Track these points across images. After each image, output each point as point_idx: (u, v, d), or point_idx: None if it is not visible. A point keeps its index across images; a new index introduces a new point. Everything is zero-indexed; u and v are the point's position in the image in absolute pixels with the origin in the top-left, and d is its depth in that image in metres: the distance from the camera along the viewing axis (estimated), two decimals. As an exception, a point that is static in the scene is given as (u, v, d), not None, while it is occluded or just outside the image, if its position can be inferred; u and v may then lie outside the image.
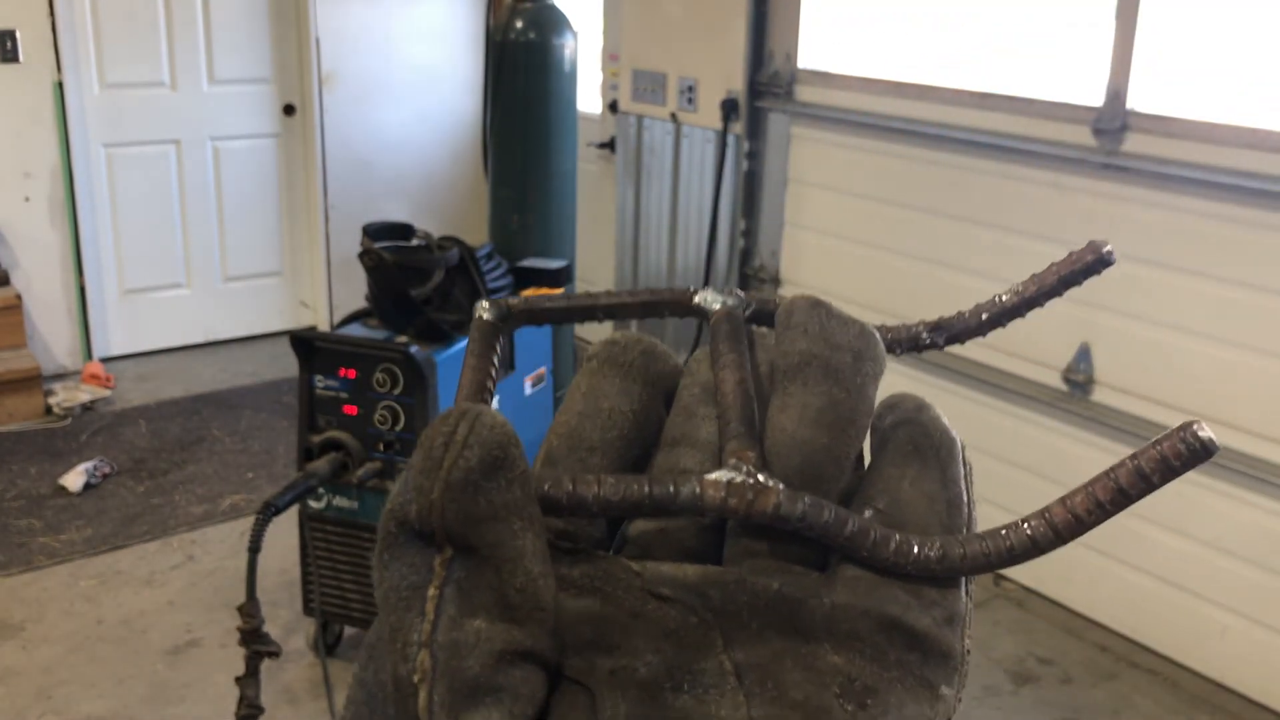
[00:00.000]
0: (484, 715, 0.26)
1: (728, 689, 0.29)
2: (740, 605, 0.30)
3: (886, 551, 0.30)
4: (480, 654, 0.27)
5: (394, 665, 0.27)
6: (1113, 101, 3.31)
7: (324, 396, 2.96)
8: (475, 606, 0.27)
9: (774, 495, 0.30)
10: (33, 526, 3.92)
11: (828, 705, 0.29)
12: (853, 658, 0.30)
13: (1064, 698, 3.21)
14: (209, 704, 3.07)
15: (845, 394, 0.32)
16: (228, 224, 5.64)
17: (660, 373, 0.35)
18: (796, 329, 0.33)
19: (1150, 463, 0.29)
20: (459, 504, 0.27)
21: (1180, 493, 3.26)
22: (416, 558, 0.27)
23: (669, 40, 4.66)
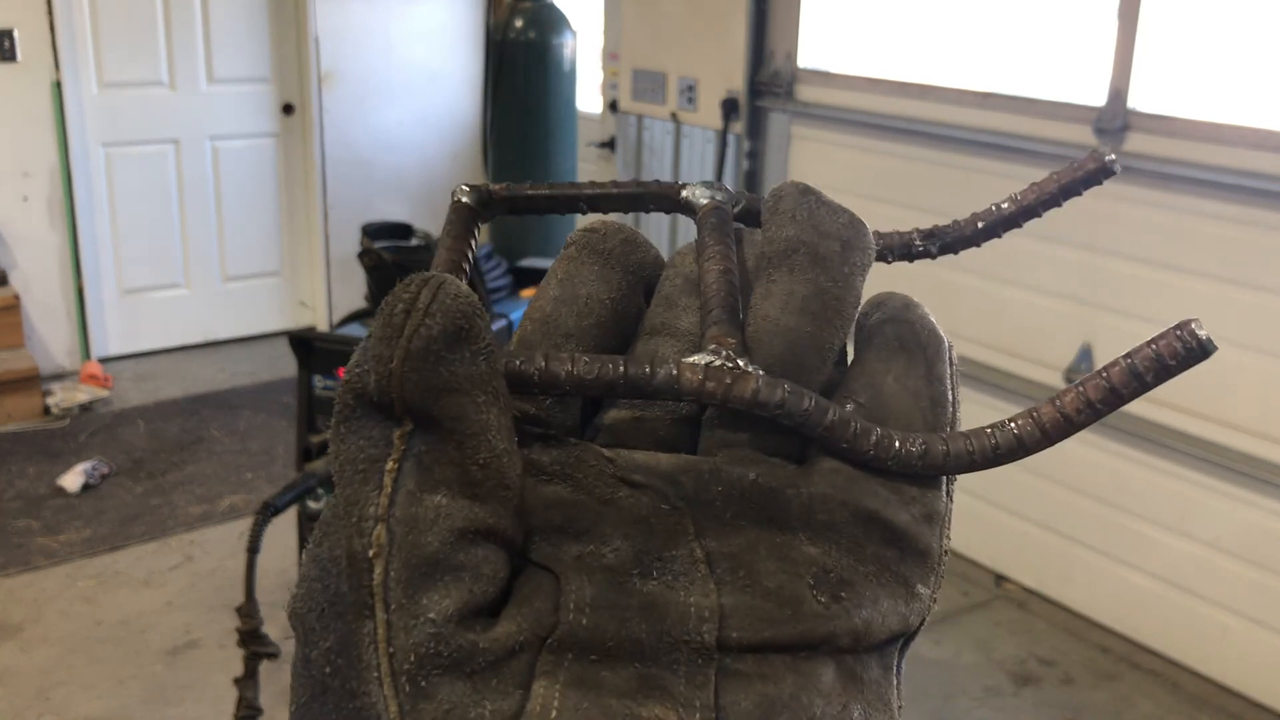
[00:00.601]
0: (442, 593, 0.25)
1: (697, 576, 0.28)
2: (714, 494, 0.29)
3: (867, 444, 0.29)
4: (440, 530, 0.26)
5: (348, 540, 0.25)
6: (1114, 101, 3.30)
7: (323, 397, 2.95)
8: (436, 481, 0.26)
9: (752, 380, 0.29)
10: (31, 527, 3.91)
11: (801, 595, 0.28)
12: (828, 549, 0.29)
13: (1065, 698, 3.20)
14: (207, 705, 3.06)
15: (832, 282, 0.31)
16: (226, 224, 5.64)
17: (641, 261, 0.33)
18: (784, 215, 0.32)
19: (1145, 361, 0.28)
20: (420, 374, 0.26)
21: (1181, 493, 3.26)
22: (374, 430, 0.26)
23: (669, 40, 4.66)
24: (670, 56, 4.66)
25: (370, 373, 0.26)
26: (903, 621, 0.30)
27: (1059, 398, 0.29)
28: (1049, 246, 3.49)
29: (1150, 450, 3.31)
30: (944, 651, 3.35)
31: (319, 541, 0.27)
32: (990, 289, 3.68)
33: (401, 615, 0.25)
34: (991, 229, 0.36)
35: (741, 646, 0.27)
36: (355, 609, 0.25)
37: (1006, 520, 3.70)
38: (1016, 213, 0.36)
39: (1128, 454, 3.36)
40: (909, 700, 0.54)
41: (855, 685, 0.29)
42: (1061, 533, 3.57)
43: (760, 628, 0.28)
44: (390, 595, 0.25)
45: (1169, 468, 3.27)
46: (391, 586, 0.25)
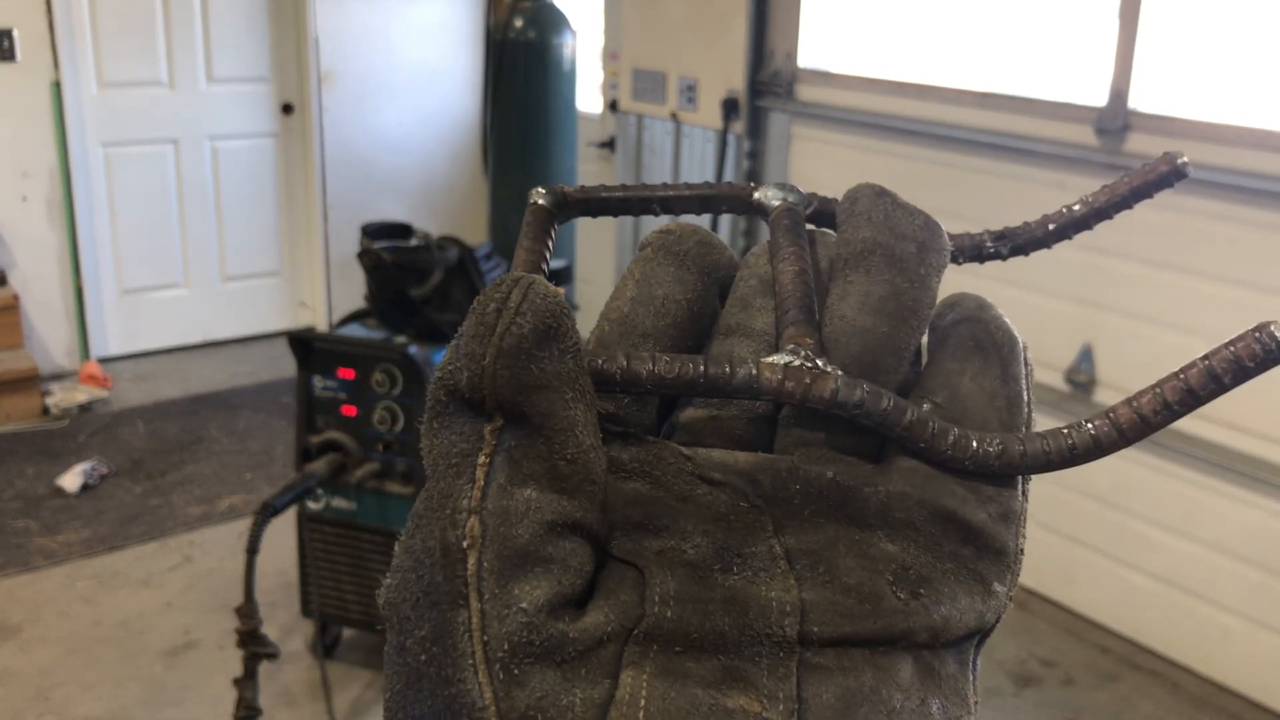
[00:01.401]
0: (533, 584, 0.26)
1: (778, 572, 0.28)
2: (792, 492, 0.30)
3: (944, 444, 0.30)
4: (530, 523, 0.26)
5: (442, 531, 0.26)
6: (1115, 101, 3.30)
7: (322, 397, 2.94)
8: (525, 475, 0.27)
9: (831, 380, 0.29)
10: (30, 527, 3.91)
11: (880, 591, 0.29)
12: (907, 546, 0.29)
13: (1065, 699, 3.20)
14: (207, 706, 3.05)
15: (909, 283, 0.32)
16: (226, 224, 5.63)
17: (716, 263, 0.34)
18: (860, 216, 0.33)
19: (1223, 363, 0.28)
20: (512, 370, 0.27)
21: (1182, 494, 3.25)
22: (466, 426, 0.27)
23: (669, 39, 4.65)
24: (670, 56, 4.66)
25: (463, 370, 0.27)
26: (979, 619, 0.30)
27: (1136, 399, 0.29)
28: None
29: (1151, 451, 3.30)
30: (944, 652, 3.35)
31: (411, 533, 0.27)
32: (990, 289, 3.67)
33: (495, 604, 0.26)
34: (1062, 230, 0.36)
35: (822, 641, 0.28)
36: (450, 598, 0.26)
37: (1007, 521, 3.70)
38: (1088, 215, 0.36)
39: (1129, 454, 3.36)
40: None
41: (933, 680, 0.29)
42: (1062, 533, 3.57)
43: (840, 622, 0.28)
44: (484, 585, 0.26)
45: (1170, 468, 3.27)
46: (485, 577, 0.26)
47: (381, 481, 2.96)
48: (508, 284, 0.27)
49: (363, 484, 2.93)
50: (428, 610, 0.26)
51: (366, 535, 3.01)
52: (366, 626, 3.13)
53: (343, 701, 3.07)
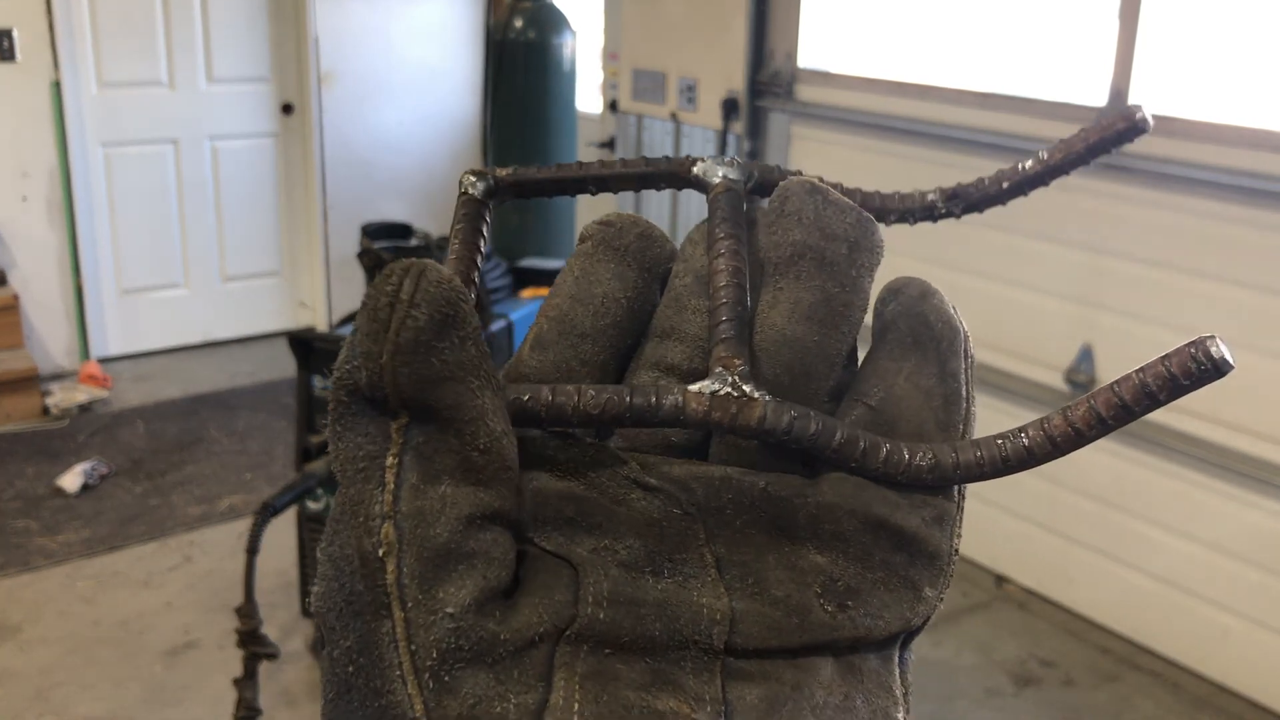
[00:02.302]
0: (457, 584, 0.25)
1: (708, 579, 0.28)
2: (725, 501, 0.29)
3: (876, 461, 0.30)
4: (448, 520, 0.26)
5: (358, 540, 0.25)
6: (1115, 101, 3.29)
7: (322, 397, 2.94)
8: (438, 471, 0.26)
9: (758, 408, 0.29)
10: (30, 528, 3.90)
11: (808, 604, 0.29)
12: (836, 558, 0.29)
13: (1065, 700, 3.19)
14: (207, 706, 3.05)
15: (839, 287, 0.31)
16: (226, 224, 5.63)
17: (657, 257, 0.33)
18: (790, 217, 0.32)
19: (1157, 379, 0.27)
20: (411, 366, 0.26)
21: (1182, 494, 3.25)
22: (370, 426, 0.26)
23: (669, 39, 4.65)
24: (670, 56, 4.66)
25: (360, 369, 0.26)
26: (905, 623, 0.30)
27: (1070, 409, 0.29)
28: (1049, 246, 3.49)
29: (1151, 451, 3.30)
30: (944, 652, 3.35)
31: (330, 540, 0.27)
32: (990, 289, 3.67)
33: (419, 612, 0.25)
34: (1017, 187, 0.35)
35: (748, 652, 0.28)
36: (373, 608, 0.25)
37: (1007, 521, 3.70)
38: (1043, 171, 0.35)
39: (1128, 455, 3.36)
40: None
41: (855, 676, 0.29)
42: (1062, 533, 3.57)
43: (766, 635, 0.28)
44: (406, 593, 0.25)
45: (1170, 468, 3.26)
46: (406, 584, 0.25)
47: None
48: (398, 274, 0.26)
49: (362, 484, 2.92)
50: (351, 620, 0.25)
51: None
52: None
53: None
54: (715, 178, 0.34)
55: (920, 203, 0.35)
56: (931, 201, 0.35)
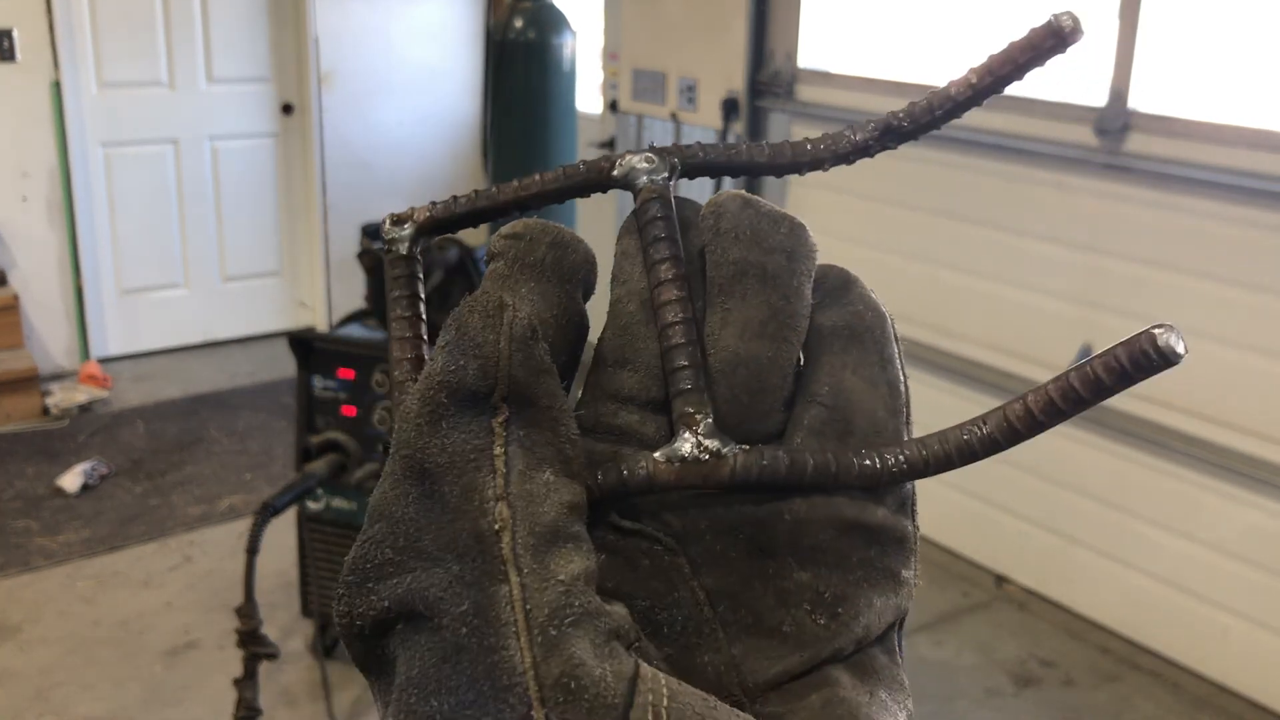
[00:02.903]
0: (566, 558, 0.27)
1: (705, 632, 0.29)
2: (703, 529, 0.30)
3: (852, 476, 0.30)
4: (553, 503, 0.28)
5: (474, 522, 0.27)
6: (1115, 101, 3.30)
7: (322, 397, 2.94)
8: (540, 460, 0.28)
9: (728, 464, 0.30)
10: (30, 528, 3.90)
11: (801, 621, 0.30)
12: (819, 571, 0.30)
13: (1065, 700, 3.19)
14: (207, 706, 3.05)
15: (784, 300, 0.32)
16: (226, 224, 5.63)
17: (574, 264, 0.33)
18: (727, 235, 0.33)
19: (1106, 370, 0.28)
20: (525, 353, 0.28)
21: (1182, 494, 3.25)
22: (472, 424, 0.28)
23: (669, 39, 4.65)
24: (670, 56, 4.66)
25: (472, 361, 0.28)
26: (896, 610, 0.31)
27: (1028, 395, 0.29)
28: (1049, 246, 3.49)
29: (1151, 451, 3.30)
30: (944, 652, 3.35)
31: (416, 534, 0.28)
32: (990, 289, 3.67)
33: (533, 577, 0.26)
34: (950, 113, 0.35)
35: (760, 687, 0.29)
36: (489, 576, 0.27)
37: (1007, 521, 3.70)
38: (973, 95, 0.35)
39: (1128, 454, 3.36)
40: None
41: (871, 675, 0.30)
42: (1062, 533, 3.57)
43: (770, 665, 0.29)
44: (521, 561, 0.27)
45: (1170, 468, 3.26)
46: (521, 553, 0.27)
47: (381, 482, 2.95)
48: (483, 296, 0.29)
49: (363, 484, 2.92)
50: (465, 590, 0.27)
51: (366, 535, 3.01)
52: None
53: (343, 701, 3.06)
54: (639, 180, 0.34)
55: (852, 144, 0.35)
56: (862, 141, 0.35)
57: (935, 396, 3.82)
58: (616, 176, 0.34)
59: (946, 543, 3.87)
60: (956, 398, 3.77)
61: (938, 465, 0.30)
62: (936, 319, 3.82)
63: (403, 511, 0.28)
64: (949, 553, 3.85)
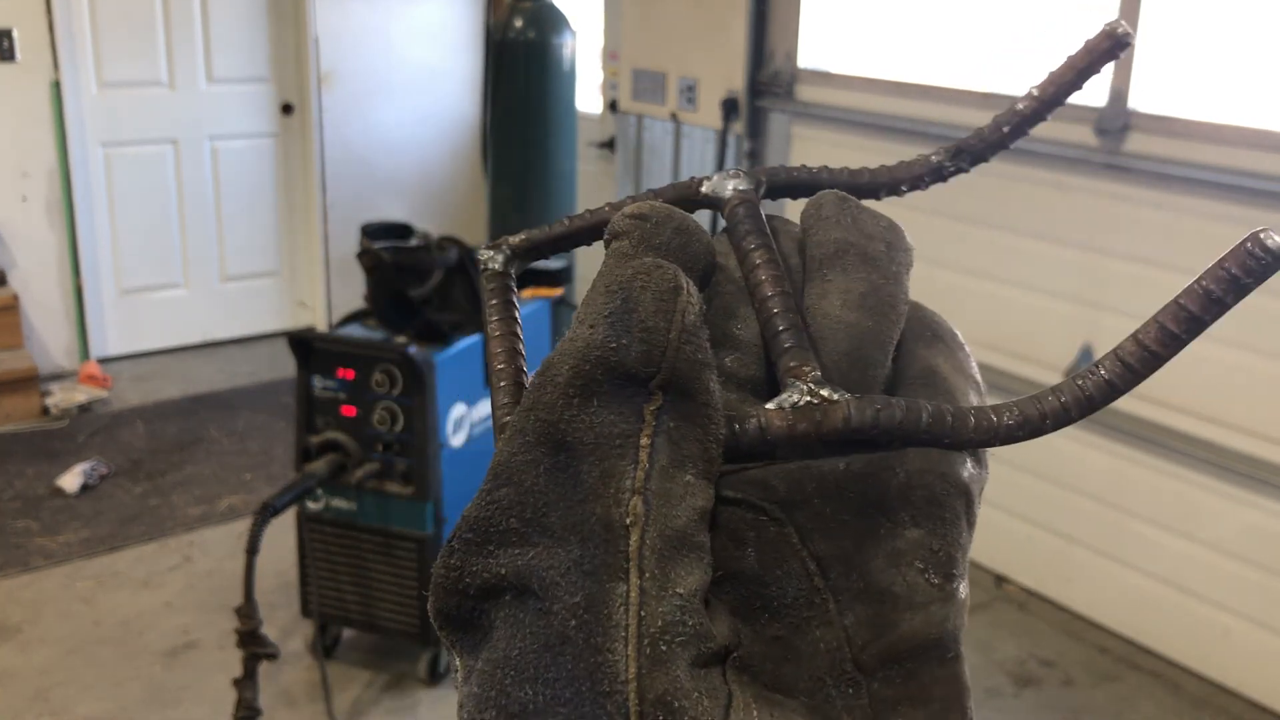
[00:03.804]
0: (688, 569, 0.26)
1: (816, 601, 0.28)
2: (810, 492, 0.29)
3: (967, 431, 0.29)
4: (687, 508, 0.27)
5: (605, 509, 0.26)
6: (1115, 101, 3.30)
7: (322, 397, 2.94)
8: (685, 458, 0.27)
9: (842, 409, 0.29)
10: (29, 528, 3.90)
11: (913, 582, 0.29)
12: (932, 527, 0.30)
13: (1065, 700, 3.19)
14: (207, 706, 3.05)
15: (884, 279, 0.32)
16: (226, 224, 5.63)
17: (696, 253, 0.32)
18: (828, 220, 0.34)
19: (1219, 282, 0.27)
20: (693, 345, 0.27)
21: (1182, 494, 3.25)
22: (624, 405, 0.27)
23: (669, 39, 4.65)
24: (670, 56, 4.66)
25: (636, 343, 0.27)
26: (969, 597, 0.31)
27: (1140, 333, 0.28)
28: (1049, 246, 3.49)
29: (1151, 451, 3.30)
30: (944, 652, 3.35)
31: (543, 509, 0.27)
32: (990, 289, 3.67)
33: (654, 584, 0.26)
34: (1018, 129, 0.36)
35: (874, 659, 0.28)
36: (610, 571, 0.26)
37: (1007, 521, 3.70)
38: (1039, 108, 0.35)
39: (1128, 454, 3.36)
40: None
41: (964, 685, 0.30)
42: (1062, 533, 3.57)
43: (885, 631, 0.28)
44: (645, 563, 0.26)
45: (1169, 468, 3.26)
46: (646, 555, 0.26)
47: (381, 481, 2.96)
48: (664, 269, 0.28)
49: (362, 484, 2.92)
50: (582, 579, 0.26)
51: (366, 535, 3.01)
52: (366, 627, 3.13)
53: (343, 701, 3.06)
54: (726, 192, 0.34)
55: (927, 166, 0.36)
56: (937, 163, 0.36)
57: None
58: (705, 193, 0.35)
59: (946, 543, 3.87)
60: (956, 398, 3.77)
61: (1055, 420, 0.29)
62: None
63: (533, 481, 0.27)
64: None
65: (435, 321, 3.09)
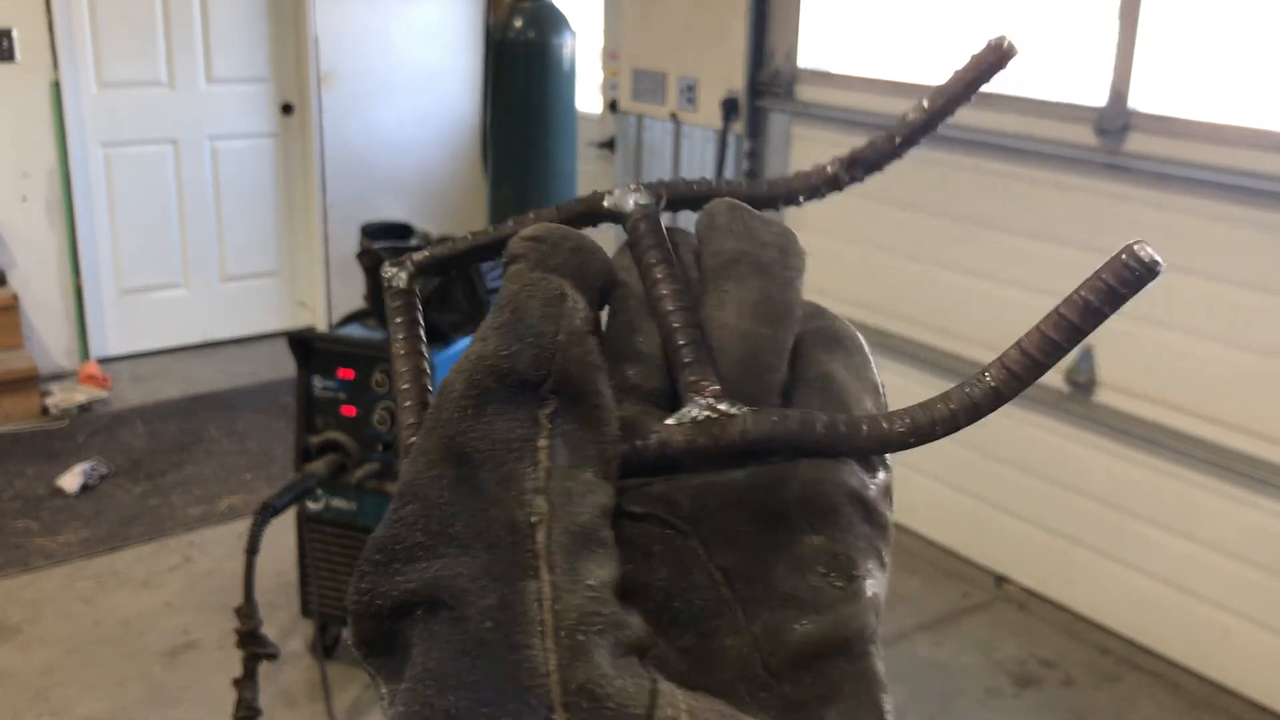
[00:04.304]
0: (597, 563, 0.27)
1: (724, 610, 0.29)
2: (712, 506, 0.30)
3: (859, 439, 0.30)
4: (590, 504, 0.27)
5: (509, 512, 0.27)
6: (1115, 101, 3.29)
7: (322, 397, 2.94)
8: (583, 458, 0.28)
9: (739, 423, 0.30)
10: (29, 528, 3.90)
11: (817, 587, 0.29)
12: (832, 533, 0.30)
13: (1066, 700, 3.19)
14: (206, 706, 3.05)
15: (778, 287, 0.33)
16: (225, 224, 5.63)
17: (594, 271, 0.32)
18: (721, 230, 0.34)
19: (1096, 293, 0.29)
20: (581, 348, 0.28)
21: (1182, 494, 3.25)
22: (519, 412, 0.27)
23: (669, 39, 4.65)
24: (670, 56, 4.66)
25: (527, 348, 0.28)
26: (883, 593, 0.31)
27: (1024, 340, 0.29)
28: (1049, 246, 3.49)
29: (1151, 451, 3.30)
30: (944, 653, 3.35)
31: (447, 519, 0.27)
32: (990, 289, 3.67)
33: (564, 578, 0.26)
34: (910, 140, 0.37)
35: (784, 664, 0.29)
36: (520, 570, 0.26)
37: (1007, 521, 3.70)
38: (929, 119, 0.37)
39: (1128, 455, 3.36)
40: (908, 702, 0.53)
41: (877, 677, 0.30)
42: (1062, 534, 3.57)
43: (791, 635, 0.29)
44: (554, 559, 0.26)
45: (1170, 469, 3.26)
46: (554, 551, 0.26)
47: (381, 481, 2.96)
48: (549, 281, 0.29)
49: (362, 484, 2.92)
50: (493, 583, 0.26)
51: (366, 535, 3.00)
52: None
53: (343, 701, 3.06)
54: (628, 206, 0.35)
55: (822, 177, 0.37)
56: (833, 174, 0.37)
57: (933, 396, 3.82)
58: (608, 207, 0.36)
59: (946, 543, 3.87)
60: (956, 398, 3.77)
61: (945, 426, 0.30)
62: (936, 319, 3.82)
63: (437, 495, 0.27)
64: (949, 553, 3.85)
65: (435, 322, 3.09)
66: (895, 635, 3.38)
